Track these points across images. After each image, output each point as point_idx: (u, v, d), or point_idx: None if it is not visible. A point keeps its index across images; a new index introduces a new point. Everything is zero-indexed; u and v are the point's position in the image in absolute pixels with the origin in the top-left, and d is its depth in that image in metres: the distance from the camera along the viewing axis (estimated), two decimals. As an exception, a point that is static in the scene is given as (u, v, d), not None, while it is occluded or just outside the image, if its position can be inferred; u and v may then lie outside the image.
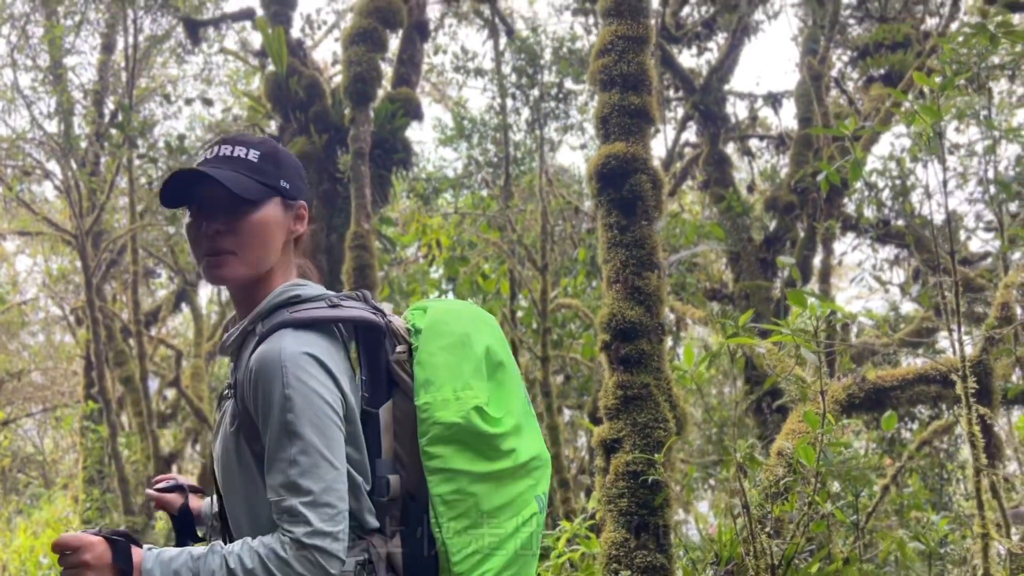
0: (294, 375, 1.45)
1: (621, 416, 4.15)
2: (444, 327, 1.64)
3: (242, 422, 1.53)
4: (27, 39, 11.02)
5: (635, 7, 4.91)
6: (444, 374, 1.57)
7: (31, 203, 11.78)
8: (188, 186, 1.61)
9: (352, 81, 7.26)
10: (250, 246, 1.59)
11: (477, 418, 1.55)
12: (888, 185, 6.10)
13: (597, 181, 4.70)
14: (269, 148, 1.67)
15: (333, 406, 1.48)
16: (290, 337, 1.51)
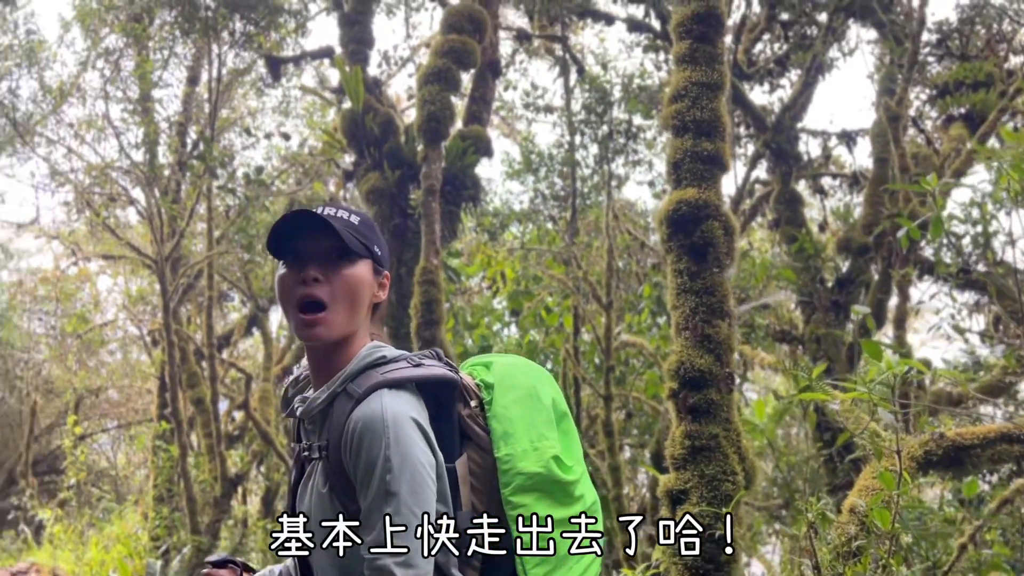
0: (395, 436, 1.51)
1: (688, 467, 4.10)
2: (513, 381, 1.72)
3: (336, 482, 1.59)
4: (119, 72, 11.56)
5: (710, 54, 4.91)
6: (520, 426, 1.65)
7: (116, 228, 12.28)
8: (291, 238, 1.67)
9: (426, 120, 7.41)
10: (342, 300, 1.63)
11: (556, 467, 1.63)
12: (968, 232, 5.91)
13: (668, 227, 4.68)
14: (365, 217, 1.76)
15: (428, 468, 1.53)
16: (388, 398, 1.56)
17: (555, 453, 1.65)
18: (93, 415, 17.57)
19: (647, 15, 11.87)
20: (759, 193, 12.21)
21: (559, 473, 1.63)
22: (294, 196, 11.61)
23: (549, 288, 10.76)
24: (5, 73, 10.99)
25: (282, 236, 1.67)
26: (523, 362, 1.84)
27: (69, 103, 11.67)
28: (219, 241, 11.46)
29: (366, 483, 1.51)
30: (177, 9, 10.12)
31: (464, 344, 10.77)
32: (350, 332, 1.67)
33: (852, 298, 9.16)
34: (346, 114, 8.50)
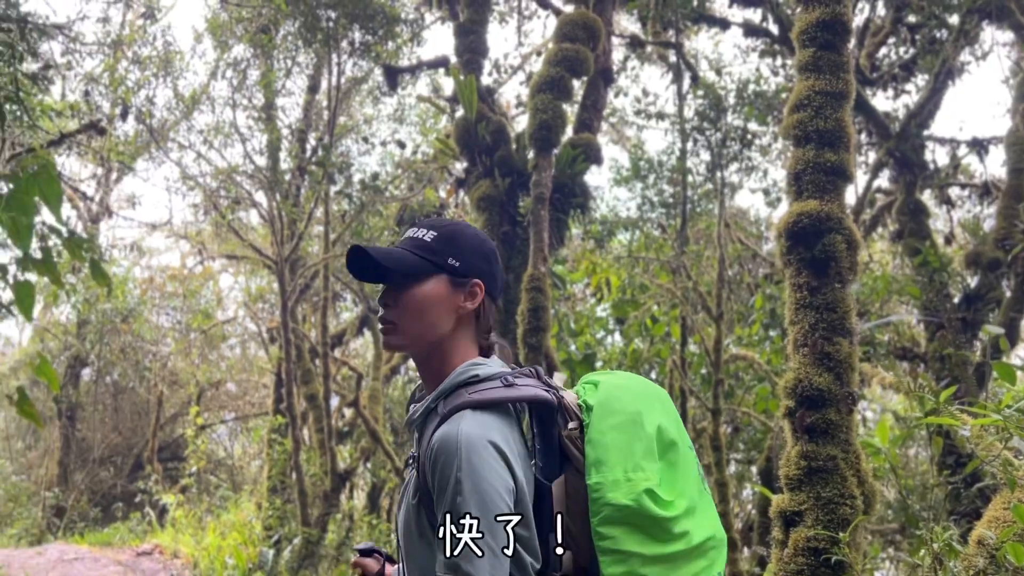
0: (468, 459, 1.51)
1: (804, 488, 3.97)
2: (616, 404, 1.65)
3: (423, 495, 1.62)
4: (245, 81, 12.15)
5: (835, 62, 4.76)
6: (615, 454, 1.58)
7: (239, 229, 12.89)
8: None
9: (537, 128, 7.46)
10: (408, 319, 1.69)
11: (648, 501, 1.54)
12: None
13: (787, 239, 4.56)
14: (448, 230, 1.76)
15: (502, 492, 1.52)
16: (468, 419, 1.57)
17: (649, 486, 1.55)
18: (213, 407, 18.49)
19: (764, 19, 11.57)
20: (880, 203, 11.71)
21: (652, 508, 1.54)
22: (407, 202, 11.90)
23: (656, 297, 10.63)
24: (144, 82, 11.70)
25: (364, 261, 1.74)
26: (636, 383, 1.74)
27: (199, 110, 12.32)
28: (335, 244, 11.87)
29: (439, 501, 1.53)
30: (300, 20, 10.55)
31: (568, 351, 10.77)
32: (423, 344, 1.71)
33: (981, 316, 8.67)
34: (459, 122, 8.65)
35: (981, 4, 9.66)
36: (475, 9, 9.24)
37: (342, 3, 10.12)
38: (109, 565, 11.11)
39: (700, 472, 1.71)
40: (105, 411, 18.35)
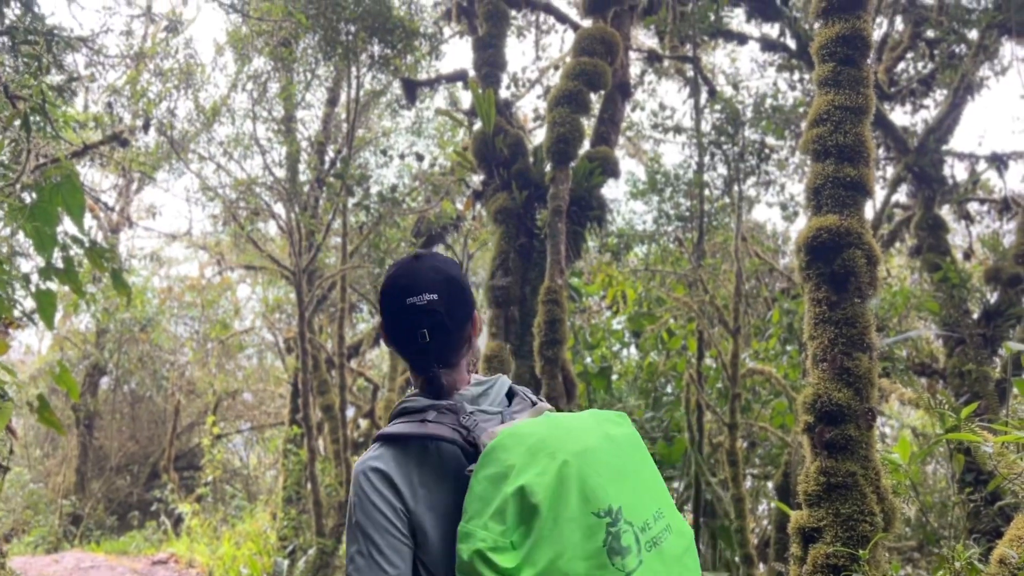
0: (357, 485, 1.66)
1: (823, 504, 3.95)
2: (498, 454, 1.57)
3: None
4: (265, 93, 12.27)
5: (855, 77, 4.76)
6: (475, 505, 1.54)
7: (257, 240, 12.99)
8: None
9: (555, 141, 7.49)
10: None
11: (480, 563, 1.47)
12: None
13: (806, 254, 4.55)
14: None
15: (388, 515, 1.63)
16: (368, 450, 1.73)
17: (481, 548, 1.47)
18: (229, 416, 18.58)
19: (782, 34, 11.58)
20: (899, 218, 11.66)
21: (484, 571, 1.45)
22: (424, 214, 11.95)
23: (672, 310, 10.61)
24: (165, 94, 11.83)
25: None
26: (540, 432, 1.59)
27: (220, 122, 12.45)
28: (352, 255, 11.93)
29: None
30: (320, 34, 10.65)
31: (584, 363, 10.76)
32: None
33: (1001, 332, 8.60)
34: (477, 135, 8.70)
35: (1000, 19, 9.63)
36: (493, 23, 9.30)
37: (362, 17, 10.21)
38: (125, 573, 11.16)
39: (600, 546, 1.48)
40: (123, 420, 18.48)
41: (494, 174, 8.54)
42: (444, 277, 1.77)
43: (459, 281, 1.80)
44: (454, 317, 1.76)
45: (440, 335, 1.75)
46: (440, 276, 1.77)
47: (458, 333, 1.78)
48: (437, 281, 1.76)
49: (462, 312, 1.79)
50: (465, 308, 1.80)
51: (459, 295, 1.78)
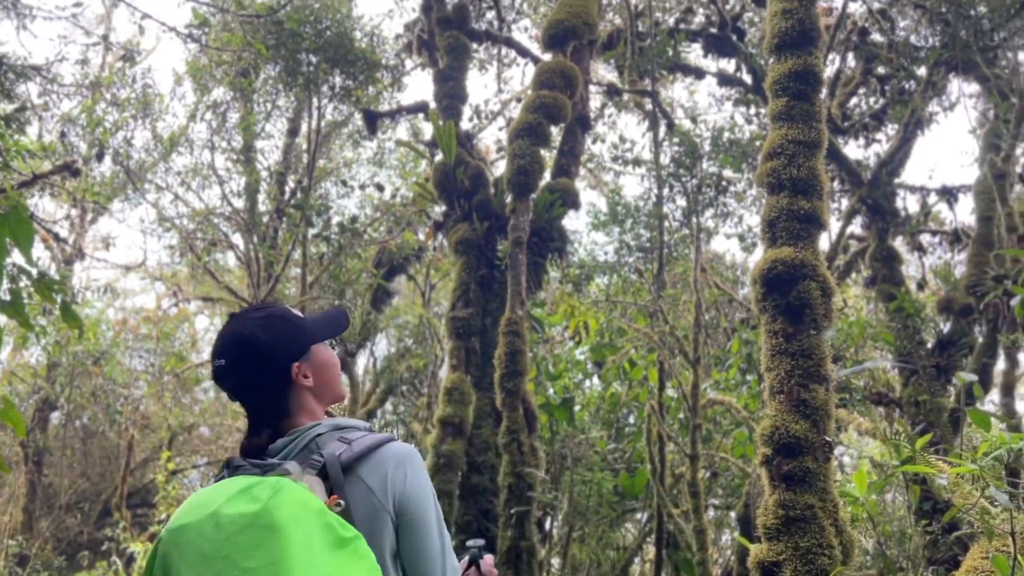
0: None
1: (782, 538, 3.94)
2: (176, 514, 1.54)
3: None
4: (225, 123, 12.17)
5: (808, 111, 4.85)
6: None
7: (215, 271, 12.80)
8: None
9: (515, 173, 7.52)
10: None
11: None
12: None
13: (762, 286, 4.59)
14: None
15: None
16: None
17: None
18: (185, 451, 18.16)
19: (738, 69, 11.83)
20: (854, 249, 11.87)
21: None
22: (385, 244, 11.89)
23: (634, 341, 10.64)
24: (122, 124, 11.68)
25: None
26: (180, 508, 1.55)
27: (178, 152, 12.30)
28: (312, 286, 11.80)
29: None
30: (281, 64, 10.62)
31: (546, 395, 10.71)
32: None
33: (954, 361, 8.76)
34: (438, 166, 8.70)
35: (947, 57, 9.93)
36: (455, 57, 9.36)
37: (323, 48, 10.21)
38: (72, 616, 10.75)
39: None
40: (74, 456, 17.95)
41: (455, 205, 8.53)
42: (236, 340, 1.74)
43: (253, 341, 1.73)
44: (246, 379, 1.74)
45: (241, 398, 1.75)
46: (233, 339, 1.74)
47: (259, 393, 1.74)
48: (229, 345, 1.74)
49: (260, 369, 1.73)
50: (266, 365, 1.73)
51: (252, 355, 1.73)
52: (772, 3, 5.14)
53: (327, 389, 1.82)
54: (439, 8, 9.68)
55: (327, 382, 1.81)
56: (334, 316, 1.93)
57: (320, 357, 1.81)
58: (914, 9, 10.93)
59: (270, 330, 1.75)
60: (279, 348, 1.74)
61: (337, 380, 1.85)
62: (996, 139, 9.50)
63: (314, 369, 1.79)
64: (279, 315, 1.80)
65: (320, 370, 1.80)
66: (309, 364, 1.78)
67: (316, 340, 1.82)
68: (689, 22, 11.94)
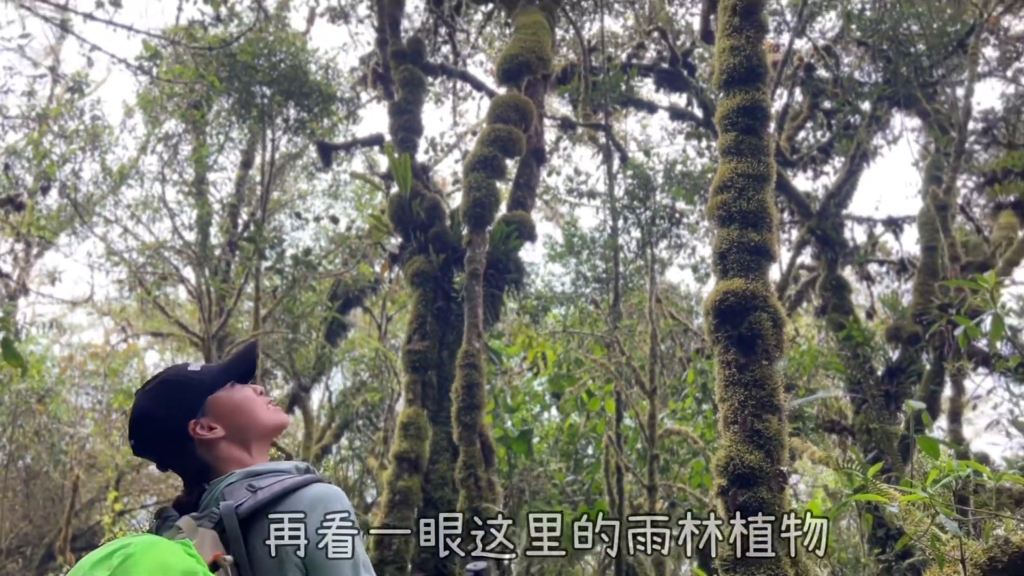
0: None
1: (739, 568, 3.94)
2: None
3: None
4: (176, 155, 12.01)
5: (756, 146, 4.95)
6: None
7: (165, 306, 12.55)
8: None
9: (471, 205, 7.53)
10: None
11: None
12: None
13: (715, 317, 4.64)
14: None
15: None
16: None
17: None
18: (133, 491, 17.63)
19: (689, 103, 12.06)
20: (804, 279, 12.09)
21: None
22: (340, 277, 11.79)
23: (591, 372, 10.66)
24: (69, 156, 11.46)
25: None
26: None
27: (128, 185, 12.09)
28: (265, 320, 11.62)
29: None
30: (235, 96, 10.54)
31: (504, 427, 10.66)
32: None
33: (903, 388, 8.93)
34: (394, 199, 8.68)
35: (890, 92, 10.26)
36: (410, 90, 9.39)
37: (277, 81, 10.17)
38: (11, 668, 10.28)
39: None
40: (15, 498, 17.29)
41: (411, 237, 8.50)
42: (134, 417, 1.77)
43: (145, 414, 1.76)
44: (152, 451, 1.79)
45: (162, 466, 1.80)
46: (132, 416, 1.78)
47: (169, 459, 1.78)
48: (131, 424, 1.78)
49: (159, 437, 1.77)
50: (162, 432, 1.76)
51: (148, 427, 1.77)
52: (720, 40, 5.26)
53: (248, 429, 1.79)
54: (394, 42, 9.72)
55: (243, 423, 1.79)
56: (237, 355, 1.91)
57: (224, 403, 1.79)
58: (857, 46, 11.29)
59: (157, 398, 1.77)
60: (170, 412, 1.75)
61: (255, 415, 1.81)
62: (937, 171, 9.80)
63: (220, 417, 1.77)
64: (167, 380, 1.81)
65: (229, 415, 1.78)
66: (211, 415, 1.77)
67: (216, 388, 1.80)
68: (641, 57, 12.17)
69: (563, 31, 11.86)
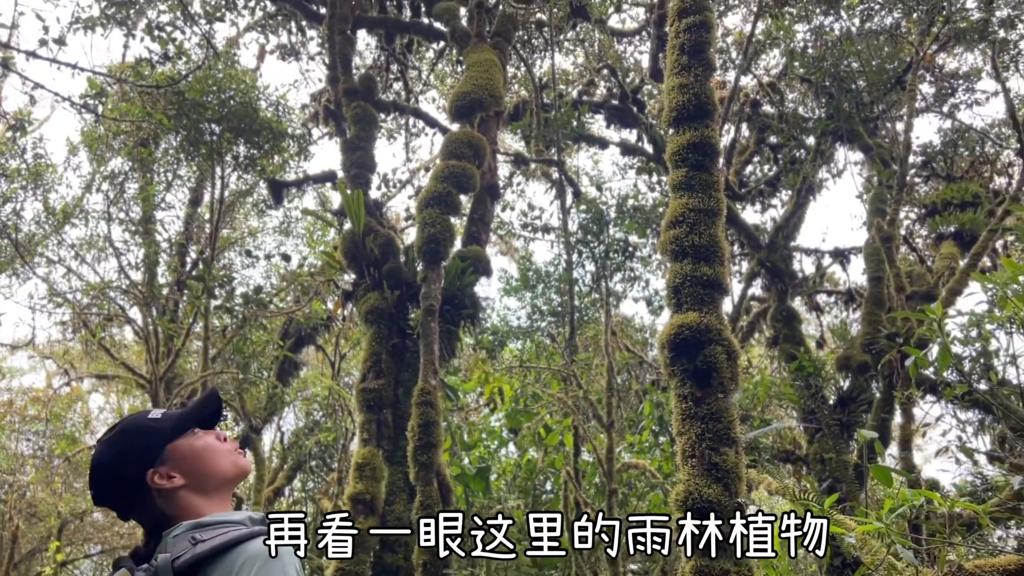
0: None
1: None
2: None
3: None
4: (123, 194, 11.77)
5: (706, 181, 5.02)
6: None
7: (111, 347, 12.21)
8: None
9: (426, 241, 7.49)
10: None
11: None
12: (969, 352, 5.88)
13: (670, 351, 4.65)
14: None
15: None
16: None
17: None
18: (76, 540, 16.97)
19: (639, 139, 12.26)
20: (756, 310, 12.27)
21: None
22: (292, 315, 11.61)
23: (548, 406, 10.62)
24: (11, 195, 11.16)
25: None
26: None
27: (72, 224, 11.80)
28: (215, 360, 11.37)
29: None
30: (183, 134, 10.40)
31: (461, 465, 10.53)
32: None
33: (855, 417, 9.06)
34: (347, 235, 8.60)
35: (833, 127, 10.55)
36: (362, 127, 9.37)
37: (227, 118, 10.06)
38: None
39: None
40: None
41: (365, 274, 8.42)
42: (92, 467, 1.78)
43: (103, 465, 1.76)
44: (112, 500, 1.78)
45: (122, 516, 1.81)
46: (91, 466, 1.78)
47: (129, 509, 1.78)
48: (90, 474, 1.78)
49: (117, 487, 1.76)
50: (120, 482, 1.75)
51: (106, 477, 1.77)
52: (669, 79, 5.35)
53: (208, 477, 1.76)
54: (346, 79, 9.71)
55: (204, 471, 1.76)
56: (199, 401, 1.88)
57: (184, 451, 1.77)
58: (801, 83, 11.62)
59: (115, 448, 1.76)
60: (127, 462, 1.74)
61: (215, 463, 1.78)
62: (881, 204, 10.07)
63: (180, 466, 1.75)
64: (126, 429, 1.79)
65: (190, 463, 1.76)
66: (170, 464, 1.75)
67: (176, 436, 1.78)
68: (591, 94, 12.35)
69: (515, 68, 11.99)
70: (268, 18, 11.94)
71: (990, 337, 5.88)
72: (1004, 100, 9.57)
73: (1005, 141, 11.19)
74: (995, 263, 10.86)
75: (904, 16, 10.37)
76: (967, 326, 5.95)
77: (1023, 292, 3.19)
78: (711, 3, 5.75)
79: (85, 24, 8.49)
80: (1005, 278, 3.79)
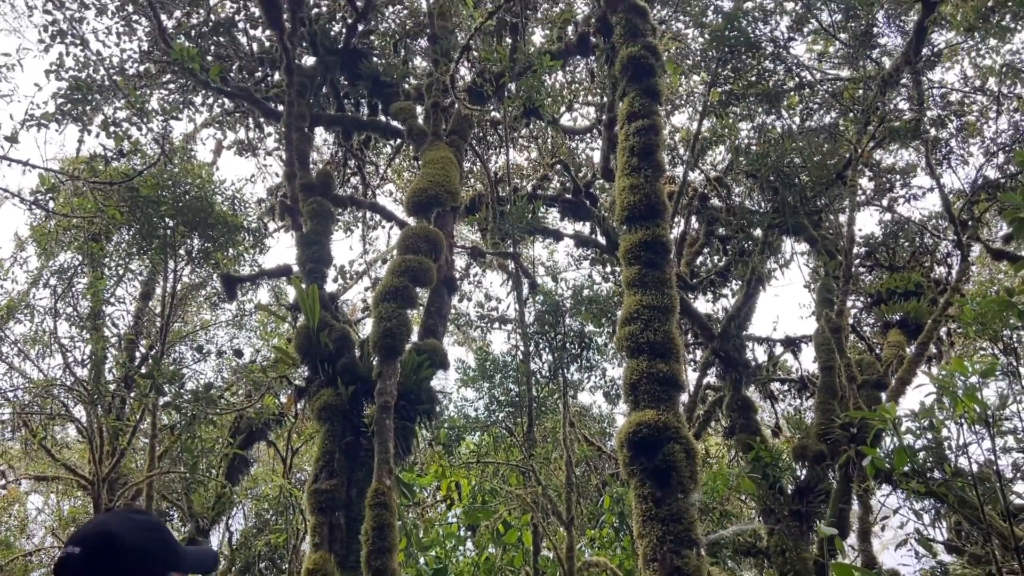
0: None
1: None
2: None
3: None
4: (71, 289, 11.53)
5: (659, 278, 5.11)
6: None
7: (52, 447, 11.74)
8: None
9: (382, 335, 7.43)
10: None
11: None
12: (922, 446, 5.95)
13: (629, 449, 4.63)
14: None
15: None
16: None
17: None
18: (5, 654, 15.86)
19: (593, 231, 12.49)
20: (711, 399, 12.33)
21: None
22: (243, 411, 11.33)
23: (507, 502, 10.42)
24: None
25: None
26: None
27: (16, 319, 11.49)
28: (162, 458, 10.99)
29: None
30: (136, 228, 10.30)
31: (417, 566, 10.19)
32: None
33: (813, 507, 9.04)
34: (301, 330, 8.50)
35: (779, 220, 10.88)
36: (318, 221, 9.39)
37: (181, 212, 10.01)
38: None
39: None
40: None
41: (319, 370, 8.28)
42: (99, 533, 1.66)
43: (118, 540, 1.65)
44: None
45: None
46: (96, 530, 1.67)
47: None
48: (89, 535, 1.66)
49: (117, 570, 1.63)
50: (127, 568, 1.64)
51: (110, 552, 1.65)
52: (620, 179, 5.50)
53: None
54: (303, 175, 9.79)
55: None
56: (206, 554, 1.85)
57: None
58: (747, 178, 12.02)
59: (142, 536, 1.65)
60: (146, 555, 1.64)
61: None
62: (828, 294, 10.32)
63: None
64: (159, 526, 1.72)
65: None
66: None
67: (181, 568, 1.73)
68: (546, 188, 12.61)
69: (471, 163, 12.23)
70: (226, 114, 12.06)
71: (942, 427, 5.97)
72: (939, 195, 10.00)
73: (943, 233, 11.65)
74: (940, 351, 11.14)
75: (841, 116, 10.88)
76: (920, 416, 6.03)
77: (969, 390, 3.26)
78: (658, 106, 5.97)
79: (39, 121, 8.47)
80: (951, 372, 3.87)
